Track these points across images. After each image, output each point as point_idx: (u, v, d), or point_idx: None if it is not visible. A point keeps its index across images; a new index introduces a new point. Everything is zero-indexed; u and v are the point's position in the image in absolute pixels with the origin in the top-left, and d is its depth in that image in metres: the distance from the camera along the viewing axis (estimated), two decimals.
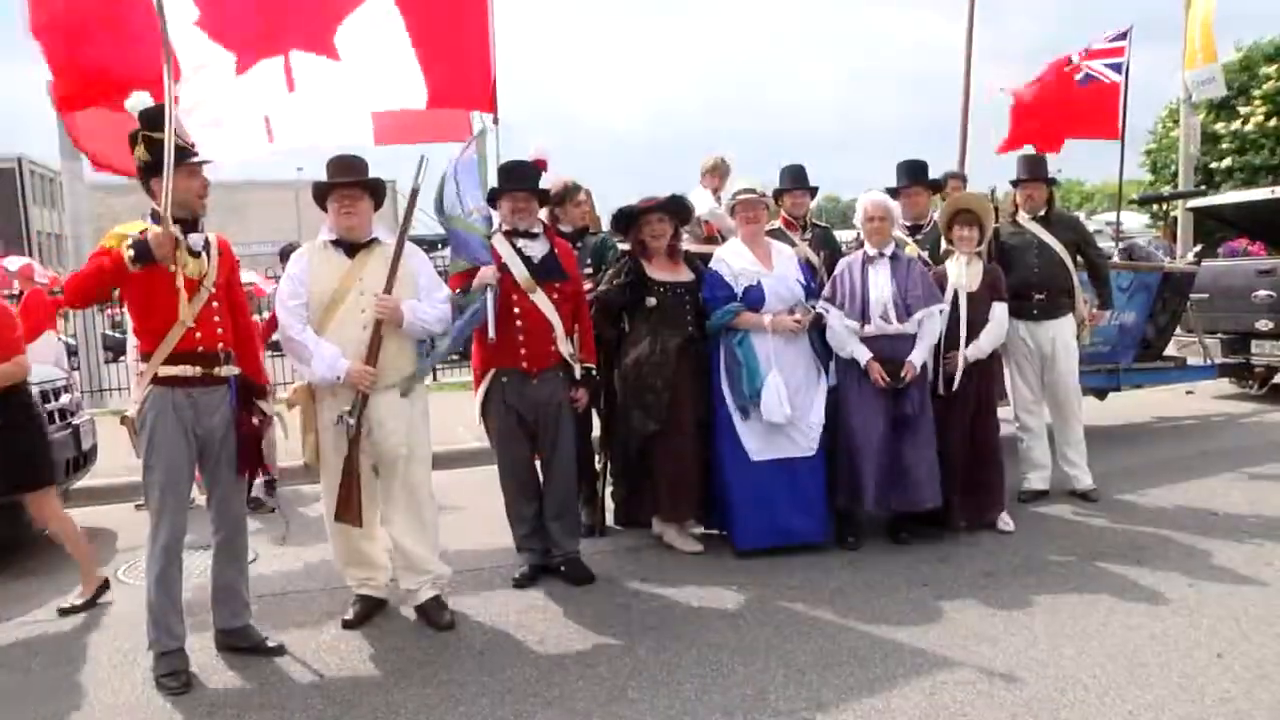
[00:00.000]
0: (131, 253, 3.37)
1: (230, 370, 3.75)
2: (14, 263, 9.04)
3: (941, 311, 4.95)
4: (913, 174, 5.92)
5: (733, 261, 4.90)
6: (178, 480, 3.62)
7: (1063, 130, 8.46)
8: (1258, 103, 21.37)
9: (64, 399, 5.82)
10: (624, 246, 5.16)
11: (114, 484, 6.70)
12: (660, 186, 4.99)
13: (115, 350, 16.74)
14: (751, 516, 4.84)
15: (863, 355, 4.84)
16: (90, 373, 11.78)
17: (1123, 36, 8.62)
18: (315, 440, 4.04)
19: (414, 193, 4.19)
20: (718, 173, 6.90)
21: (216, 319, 3.69)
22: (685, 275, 4.95)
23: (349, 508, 3.98)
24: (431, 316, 4.06)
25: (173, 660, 3.62)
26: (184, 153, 3.63)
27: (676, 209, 4.92)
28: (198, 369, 3.62)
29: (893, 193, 5.86)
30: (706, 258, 5.08)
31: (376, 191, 4.11)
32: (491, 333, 4.24)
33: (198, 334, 3.61)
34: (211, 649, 3.89)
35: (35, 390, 5.49)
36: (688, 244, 5.45)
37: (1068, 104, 8.44)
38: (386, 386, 4.01)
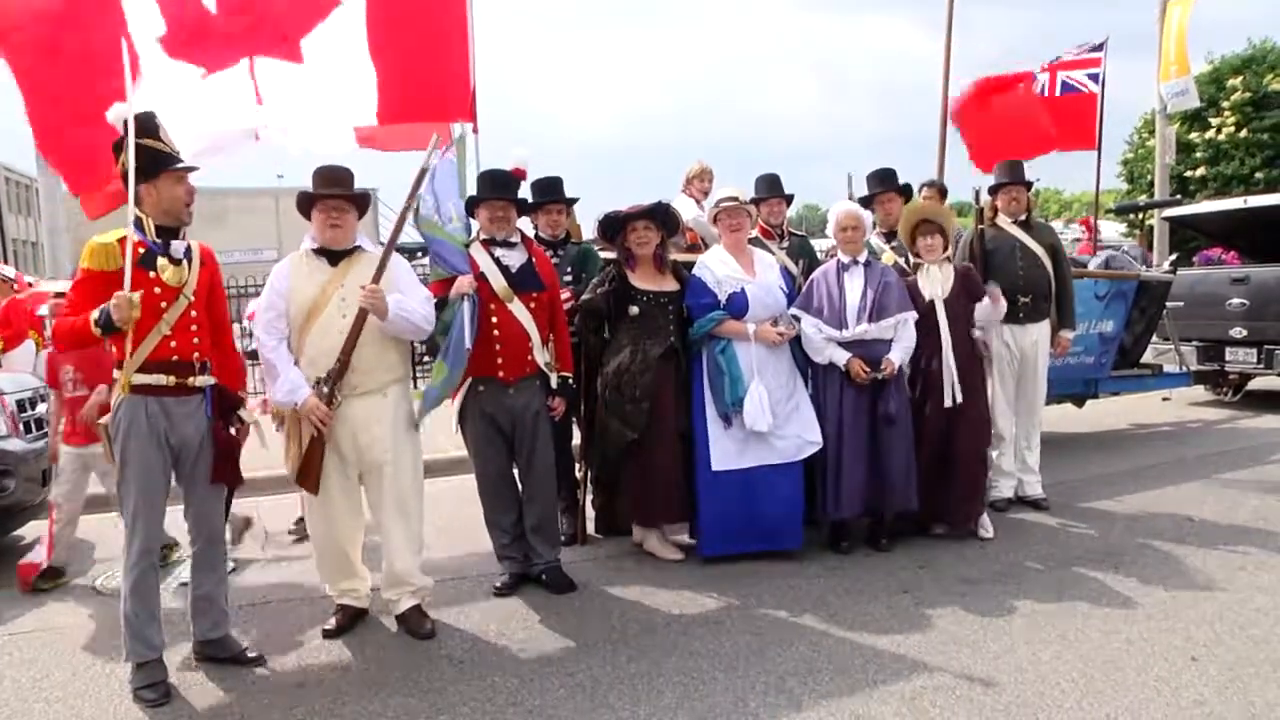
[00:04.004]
0: (99, 330, 3.44)
1: (205, 380, 3.72)
2: (8, 271, 8.94)
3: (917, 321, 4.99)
4: (883, 180, 5.99)
5: (716, 269, 4.92)
6: (151, 489, 3.58)
7: (1037, 144, 8.55)
8: (1227, 114, 21.76)
9: (41, 408, 5.76)
10: (609, 255, 5.17)
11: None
12: (634, 195, 5.05)
13: None
14: (718, 524, 4.86)
15: (841, 357, 4.87)
16: None
17: (1099, 48, 8.74)
18: (299, 451, 4.02)
19: (413, 191, 4.22)
20: (702, 180, 6.92)
21: (194, 328, 3.67)
22: (670, 285, 4.96)
23: (309, 474, 3.96)
24: (418, 314, 4.04)
25: (151, 671, 3.59)
26: (169, 159, 3.62)
27: (663, 217, 4.93)
28: (171, 378, 3.59)
29: (865, 201, 5.92)
30: (690, 266, 5.10)
31: (362, 202, 4.11)
32: (468, 342, 4.24)
33: (173, 343, 3.59)
34: (191, 660, 3.86)
35: (13, 399, 5.46)
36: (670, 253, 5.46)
37: (1039, 116, 8.53)
38: (366, 392, 4.00)
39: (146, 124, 3.59)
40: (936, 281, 5.16)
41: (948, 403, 5.04)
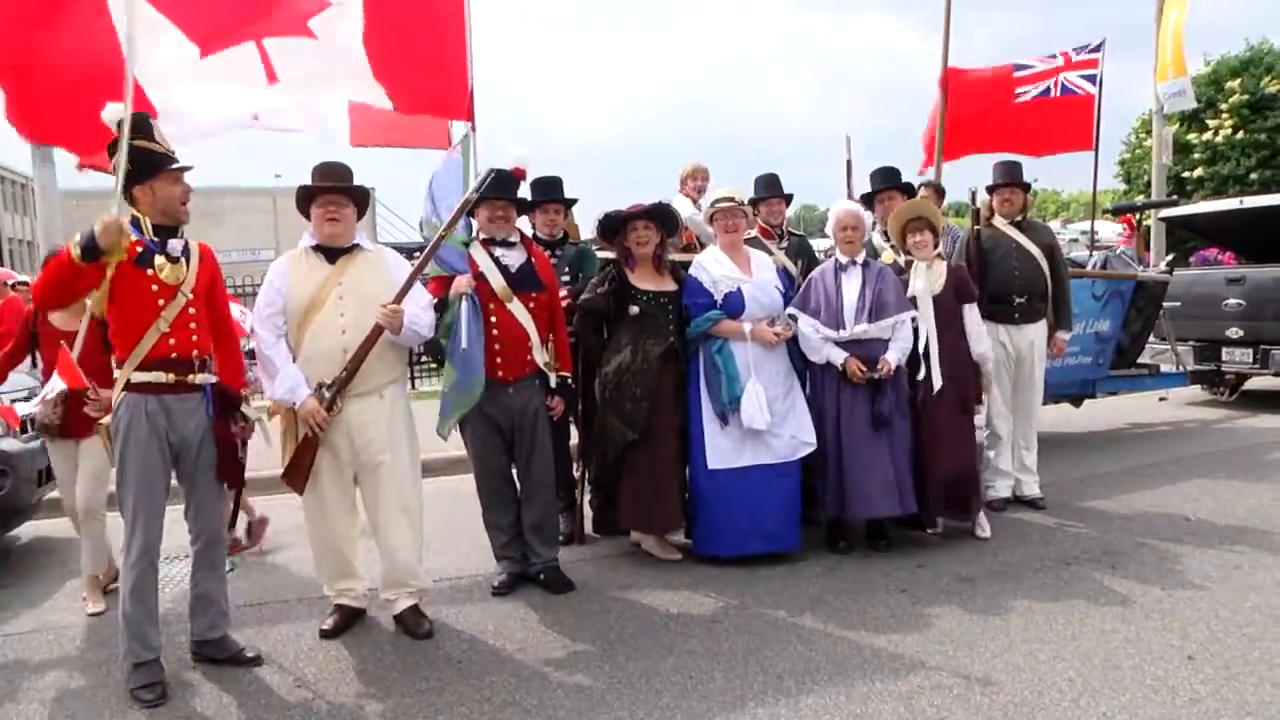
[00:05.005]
0: (78, 250, 3.33)
1: (206, 378, 3.72)
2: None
3: (913, 319, 4.99)
4: (887, 179, 5.99)
5: (712, 269, 4.92)
6: (151, 488, 3.58)
7: (1029, 144, 8.55)
8: (1225, 115, 21.79)
9: (36, 407, 5.74)
10: (607, 255, 5.17)
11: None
12: (632, 195, 5.04)
13: None
14: (714, 524, 4.86)
15: (838, 356, 4.88)
16: None
17: (1096, 49, 8.74)
18: (293, 448, 4.02)
19: (466, 201, 4.26)
20: (696, 178, 6.93)
21: (193, 325, 3.66)
22: (669, 285, 4.95)
23: (298, 473, 3.98)
24: (423, 323, 4.08)
25: (148, 671, 3.58)
26: (164, 159, 3.62)
27: (663, 216, 4.93)
28: (171, 376, 3.59)
29: (868, 199, 5.91)
30: (686, 265, 5.10)
31: (361, 199, 4.11)
32: (464, 343, 4.23)
33: (172, 340, 3.59)
34: (188, 660, 3.85)
35: (8, 398, 5.45)
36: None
37: (1030, 116, 8.54)
38: (362, 393, 3.99)
39: (141, 125, 3.60)
40: (927, 278, 5.15)
41: (935, 385, 5.02)
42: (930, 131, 8.25)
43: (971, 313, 5.23)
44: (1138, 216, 13.11)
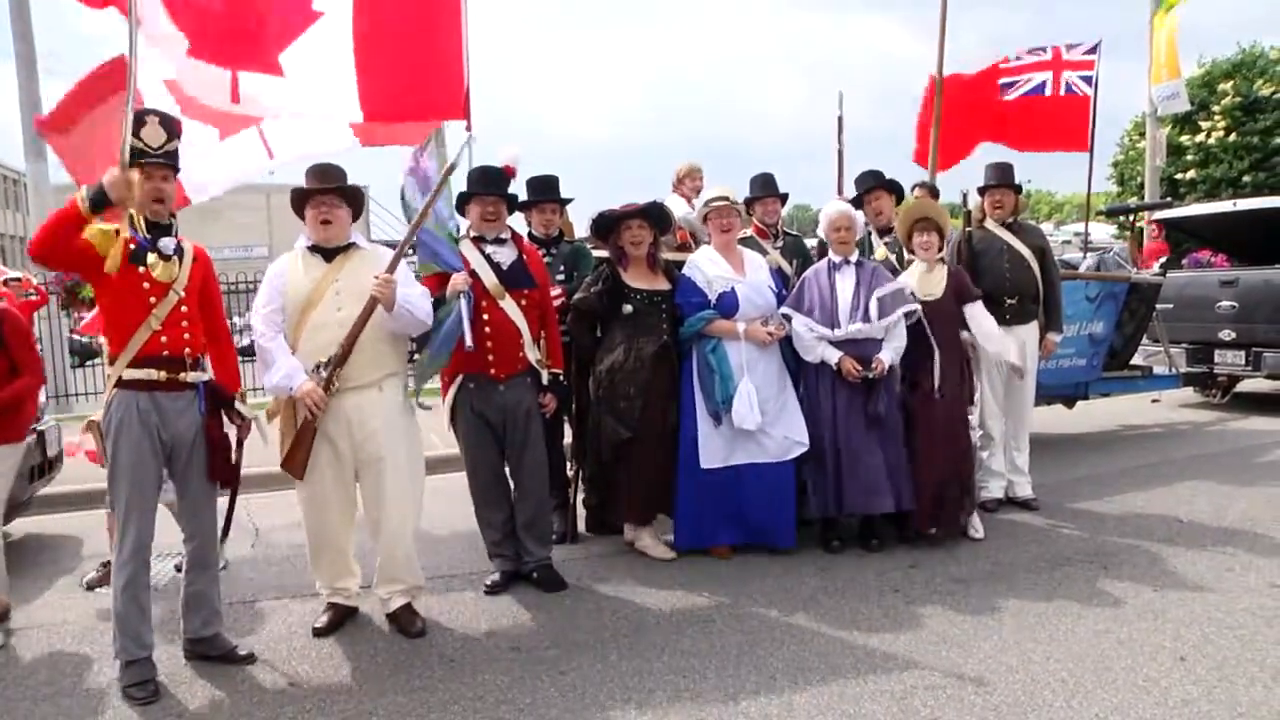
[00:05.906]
0: (87, 202, 3.32)
1: (198, 376, 3.71)
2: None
3: (909, 314, 4.98)
4: (873, 178, 6.01)
5: (706, 268, 4.93)
6: (143, 486, 3.57)
7: (1020, 138, 8.54)
8: (1217, 117, 21.85)
9: None
10: (601, 254, 5.17)
11: (79, 490, 6.61)
12: (626, 194, 5.03)
13: (81, 355, 16.50)
14: (698, 520, 4.89)
15: (832, 356, 4.88)
16: (55, 378, 11.55)
17: (1093, 50, 8.74)
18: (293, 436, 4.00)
19: (448, 171, 4.25)
20: (692, 178, 6.93)
21: (185, 324, 3.66)
22: (662, 284, 4.96)
23: (295, 459, 3.96)
24: (420, 308, 4.06)
25: (140, 669, 3.57)
26: (140, 154, 3.57)
27: (656, 216, 4.93)
28: (162, 373, 3.59)
29: (856, 201, 5.93)
30: (680, 265, 5.11)
31: (354, 199, 4.11)
32: (469, 341, 4.22)
33: (163, 338, 3.58)
34: (180, 658, 3.84)
35: None
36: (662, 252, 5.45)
37: (1023, 113, 8.53)
38: (360, 386, 3.99)
39: (135, 120, 3.57)
40: (928, 280, 5.16)
41: (938, 393, 5.02)
42: (922, 128, 8.21)
43: (975, 310, 5.22)
44: (1133, 217, 13.14)
